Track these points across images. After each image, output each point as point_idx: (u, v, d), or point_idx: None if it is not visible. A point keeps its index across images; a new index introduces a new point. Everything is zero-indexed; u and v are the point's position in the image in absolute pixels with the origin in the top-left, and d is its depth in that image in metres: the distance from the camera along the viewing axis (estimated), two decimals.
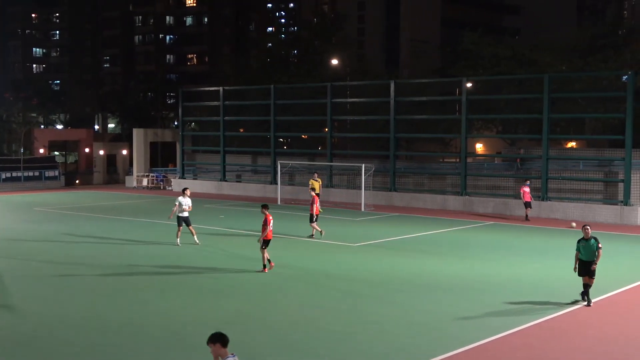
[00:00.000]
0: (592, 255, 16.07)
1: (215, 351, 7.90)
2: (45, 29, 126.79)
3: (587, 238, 16.16)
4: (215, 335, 7.95)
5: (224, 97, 47.97)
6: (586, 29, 61.28)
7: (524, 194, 32.08)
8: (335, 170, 42.80)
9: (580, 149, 50.31)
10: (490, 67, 57.88)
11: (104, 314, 15.20)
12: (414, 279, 19.18)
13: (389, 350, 12.82)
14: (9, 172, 50.88)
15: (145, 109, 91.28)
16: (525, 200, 32.10)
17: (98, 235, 26.43)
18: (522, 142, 58.08)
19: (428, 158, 55.86)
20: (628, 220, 31.29)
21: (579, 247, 16.26)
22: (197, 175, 51.24)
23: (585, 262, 16.14)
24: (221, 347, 7.89)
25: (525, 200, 32.09)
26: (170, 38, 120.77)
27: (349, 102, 49.60)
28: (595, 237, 16.25)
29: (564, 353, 12.86)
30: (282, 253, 22.21)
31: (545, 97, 34.47)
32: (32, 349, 12.91)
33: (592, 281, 16.11)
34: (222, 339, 7.92)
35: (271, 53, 69.79)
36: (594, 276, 16.11)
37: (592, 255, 16.07)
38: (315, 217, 26.08)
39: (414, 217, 34.02)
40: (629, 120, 32.03)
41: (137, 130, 55.15)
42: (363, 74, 65.82)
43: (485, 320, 14.85)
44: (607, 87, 50.15)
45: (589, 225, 16.49)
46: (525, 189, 32.21)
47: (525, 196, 32.03)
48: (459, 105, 39.78)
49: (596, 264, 16.08)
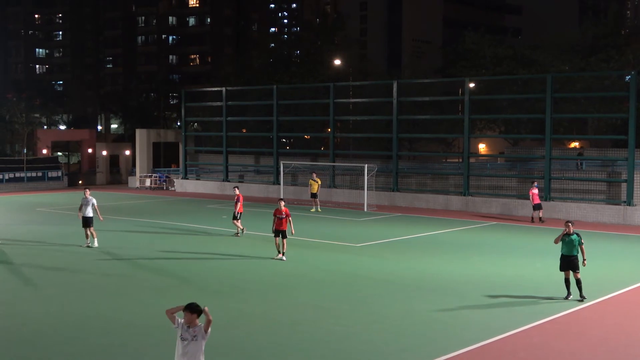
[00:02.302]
0: (572, 250, 16.55)
1: (190, 319, 9.04)
2: (48, 29, 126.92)
3: (569, 233, 16.62)
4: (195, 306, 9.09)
5: (226, 98, 48.02)
6: (588, 28, 61.24)
7: (533, 196, 31.03)
8: (338, 170, 42.81)
9: (583, 149, 50.27)
10: (491, 67, 57.94)
11: (106, 314, 15.23)
12: (417, 279, 19.19)
13: (392, 351, 12.84)
14: (12, 173, 50.95)
15: (148, 109, 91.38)
16: (535, 203, 31.11)
17: (100, 236, 26.47)
18: (525, 142, 58.11)
19: (430, 158, 55.90)
20: (631, 221, 31.26)
21: (562, 239, 16.74)
22: (200, 175, 51.28)
23: (565, 257, 16.63)
24: (196, 317, 9.07)
25: (535, 202, 31.12)
26: (172, 38, 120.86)
27: (352, 102, 49.64)
28: (577, 233, 16.77)
29: (566, 353, 12.86)
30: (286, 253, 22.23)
31: (548, 97, 34.45)
32: (34, 348, 12.93)
33: (577, 274, 16.50)
34: (198, 309, 9.07)
35: (273, 53, 69.86)
36: (577, 270, 16.51)
37: (572, 250, 16.56)
38: (239, 215, 26.35)
39: (417, 217, 34.02)
40: (631, 120, 31.98)
41: (139, 131, 55.23)
42: (365, 74, 65.90)
43: (487, 321, 14.86)
44: (610, 87, 50.15)
45: (571, 222, 16.91)
46: (534, 190, 31.13)
47: (535, 198, 31.06)
48: (462, 105, 39.80)
49: (585, 260, 16.65)
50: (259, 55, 71.70)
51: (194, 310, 9.08)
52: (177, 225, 30.15)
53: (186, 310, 9.10)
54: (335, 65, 63.03)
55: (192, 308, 9.09)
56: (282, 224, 21.59)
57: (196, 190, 47.52)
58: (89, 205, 23.67)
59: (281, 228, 21.62)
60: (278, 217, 21.61)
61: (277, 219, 21.63)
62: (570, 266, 16.55)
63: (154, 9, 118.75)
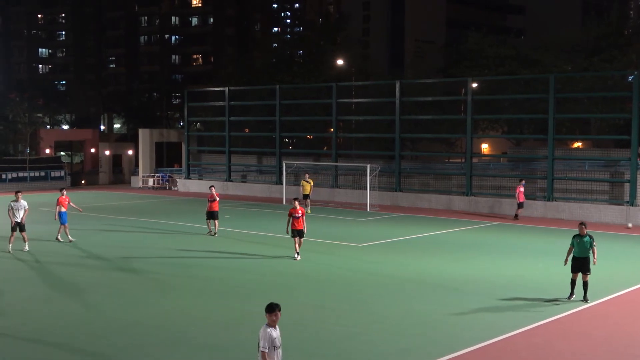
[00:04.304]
0: (585, 252, 16.42)
1: (275, 319, 9.03)
2: (50, 29, 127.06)
3: (582, 235, 16.45)
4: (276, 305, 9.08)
5: (229, 97, 48.05)
6: (591, 28, 61.15)
7: (519, 194, 32.50)
8: (340, 170, 42.81)
9: (586, 149, 50.21)
10: (494, 67, 57.88)
11: (108, 314, 15.25)
12: (419, 279, 19.19)
13: (394, 351, 12.84)
14: (15, 172, 51.04)
15: (150, 109, 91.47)
16: (520, 201, 32.54)
17: (102, 236, 26.52)
18: (528, 142, 58.05)
19: (433, 158, 55.86)
20: (634, 221, 31.21)
21: (573, 242, 16.59)
22: (203, 175, 51.31)
23: (577, 259, 16.49)
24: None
25: (520, 200, 32.53)
26: (175, 38, 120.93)
27: (354, 103, 49.62)
28: (590, 235, 16.54)
29: (568, 353, 12.86)
30: (287, 253, 22.26)
31: (551, 97, 34.43)
32: (36, 348, 12.96)
33: (586, 277, 16.38)
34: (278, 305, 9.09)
35: (276, 53, 69.88)
36: (589, 272, 16.40)
37: (585, 252, 16.42)
38: (216, 214, 26.63)
39: (419, 217, 34.01)
40: (634, 120, 31.95)
41: (142, 131, 55.28)
42: (367, 74, 65.87)
43: (489, 321, 14.85)
44: (612, 87, 50.08)
45: (584, 224, 16.75)
46: (520, 188, 32.62)
47: (520, 196, 32.49)
48: (464, 105, 39.77)
49: (595, 259, 16.52)
50: (262, 55, 71.73)
51: (280, 308, 9.09)
52: (179, 225, 30.16)
53: (273, 311, 9.03)
54: (338, 65, 63.01)
55: (275, 306, 9.05)
56: (299, 223, 21.58)
57: (199, 190, 47.53)
58: (21, 209, 23.18)
59: (299, 228, 21.61)
60: (294, 217, 21.59)
61: (294, 218, 21.60)
62: (582, 268, 16.39)
63: (157, 9, 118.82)
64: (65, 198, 25.39)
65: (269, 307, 9.07)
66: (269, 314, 9.04)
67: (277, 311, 9.04)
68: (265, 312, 9.05)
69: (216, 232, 26.70)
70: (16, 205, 23.14)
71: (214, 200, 26.50)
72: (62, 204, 25.18)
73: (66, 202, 25.36)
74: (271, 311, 9.03)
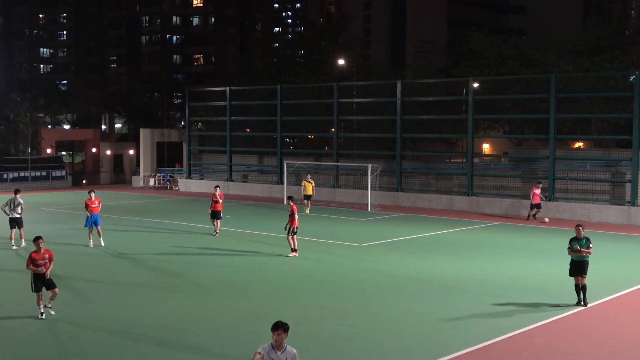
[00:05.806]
0: (582, 255, 16.10)
1: (281, 340, 8.29)
2: (52, 29, 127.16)
3: (579, 237, 16.17)
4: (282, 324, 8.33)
5: (230, 97, 48.05)
6: (592, 28, 61.13)
7: (533, 195, 31.79)
8: (342, 170, 42.80)
9: (587, 149, 50.18)
10: (495, 67, 57.86)
11: (109, 314, 15.25)
12: (420, 279, 19.18)
13: (395, 350, 12.84)
14: (16, 172, 51.06)
15: (152, 109, 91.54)
16: (535, 202, 31.86)
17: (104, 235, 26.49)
18: (529, 142, 58.01)
19: (434, 158, 55.84)
20: (635, 221, 31.20)
21: (573, 248, 16.20)
22: (204, 175, 51.32)
23: (575, 262, 16.17)
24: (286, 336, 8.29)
25: (535, 202, 31.86)
26: (176, 38, 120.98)
27: (355, 102, 49.60)
28: (587, 237, 16.25)
29: (570, 354, 12.85)
30: (288, 252, 22.25)
31: (552, 97, 34.41)
32: (38, 348, 12.96)
33: (583, 281, 16.05)
34: (286, 325, 8.33)
35: (277, 53, 69.86)
36: (585, 274, 16.03)
37: (583, 255, 16.12)
38: (220, 214, 26.76)
39: (420, 217, 34.00)
40: (636, 120, 31.93)
41: (143, 130, 55.29)
42: (368, 74, 65.84)
43: (491, 321, 14.85)
44: (614, 87, 50.05)
45: (581, 225, 16.43)
46: (536, 190, 31.89)
47: (535, 198, 31.80)
48: (465, 105, 39.76)
49: (584, 252, 15.97)
50: (263, 55, 71.68)
51: (286, 328, 8.27)
52: (180, 224, 30.17)
53: (276, 329, 8.25)
54: (339, 65, 63.01)
55: (281, 326, 8.27)
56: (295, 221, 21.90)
57: (200, 189, 47.55)
58: (19, 206, 23.36)
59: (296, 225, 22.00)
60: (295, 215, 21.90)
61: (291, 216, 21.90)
62: (580, 271, 16.10)
63: (158, 9, 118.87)
64: (92, 201, 23.84)
65: (273, 325, 8.33)
66: (272, 332, 8.32)
67: (281, 330, 8.23)
68: (271, 330, 8.36)
69: (217, 232, 26.72)
70: (16, 202, 23.57)
71: (217, 201, 26.48)
72: (90, 207, 23.79)
73: (94, 204, 23.81)
74: (274, 329, 8.31)
